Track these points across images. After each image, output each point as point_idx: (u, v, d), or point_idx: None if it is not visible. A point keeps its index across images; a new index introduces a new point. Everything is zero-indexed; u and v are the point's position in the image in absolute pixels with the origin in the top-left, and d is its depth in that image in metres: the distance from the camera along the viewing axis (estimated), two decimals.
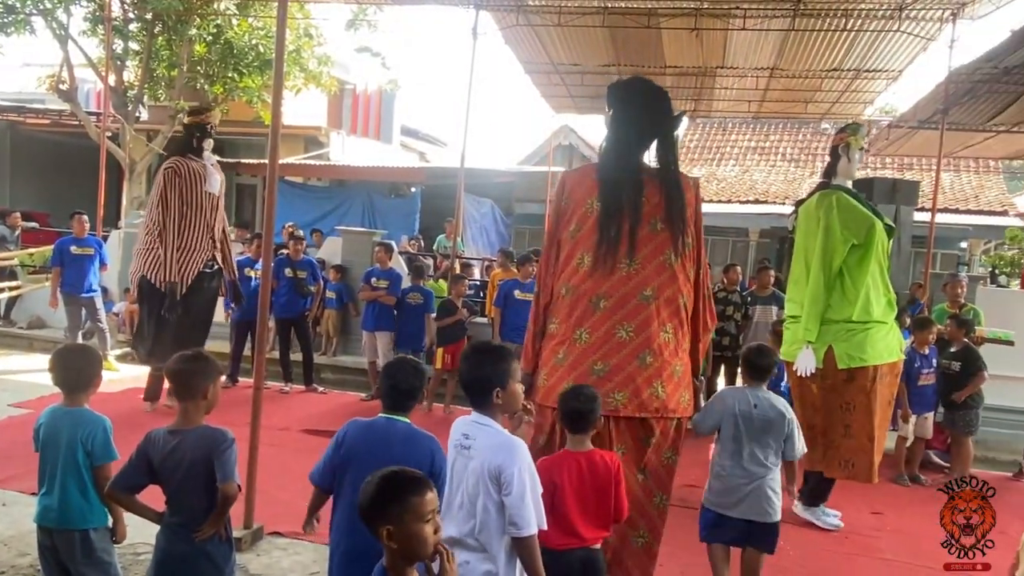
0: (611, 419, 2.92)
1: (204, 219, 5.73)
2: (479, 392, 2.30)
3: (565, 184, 3.15)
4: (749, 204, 16.83)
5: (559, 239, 3.10)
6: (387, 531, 1.68)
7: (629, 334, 2.94)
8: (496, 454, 2.15)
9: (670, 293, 3.00)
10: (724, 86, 11.08)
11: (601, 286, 2.96)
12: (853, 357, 4.24)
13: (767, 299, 7.21)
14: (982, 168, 17.90)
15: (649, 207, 2.98)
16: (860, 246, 4.29)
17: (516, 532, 2.12)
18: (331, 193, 15.69)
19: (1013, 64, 7.91)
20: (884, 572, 4.07)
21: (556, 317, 3.07)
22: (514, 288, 7.08)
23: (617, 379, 2.91)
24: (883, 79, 10.01)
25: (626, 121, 3.09)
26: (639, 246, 2.96)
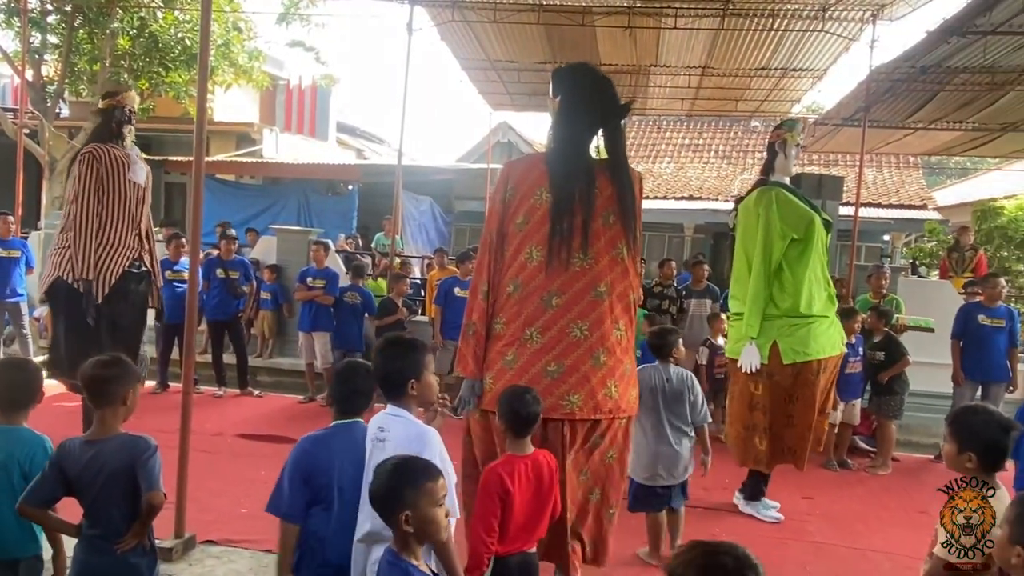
0: (566, 423, 2.81)
1: (128, 212, 5.00)
2: (393, 384, 2.30)
3: (510, 174, 2.94)
4: (684, 200, 17.18)
5: (504, 232, 2.90)
6: (405, 516, 1.82)
7: (583, 332, 2.81)
8: (410, 445, 2.14)
9: (622, 288, 2.90)
10: (658, 84, 11.26)
11: (553, 282, 2.81)
12: (798, 352, 4.30)
13: (702, 293, 7.37)
14: (903, 164, 18.71)
15: (602, 199, 2.86)
16: (800, 241, 4.34)
17: None
18: (265, 191, 15.34)
19: (929, 63, 8.28)
20: (815, 555, 4.20)
21: (502, 316, 2.88)
22: (454, 286, 7.05)
23: (572, 380, 2.80)
24: (809, 78, 10.34)
25: (575, 108, 2.91)
26: (592, 240, 2.82)
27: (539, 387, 2.76)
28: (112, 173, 4.84)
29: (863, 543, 4.39)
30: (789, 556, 4.15)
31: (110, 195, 4.85)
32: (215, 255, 7.42)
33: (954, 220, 14.92)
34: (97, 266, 4.78)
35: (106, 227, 4.84)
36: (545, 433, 2.80)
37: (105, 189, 4.82)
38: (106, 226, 4.84)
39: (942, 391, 6.49)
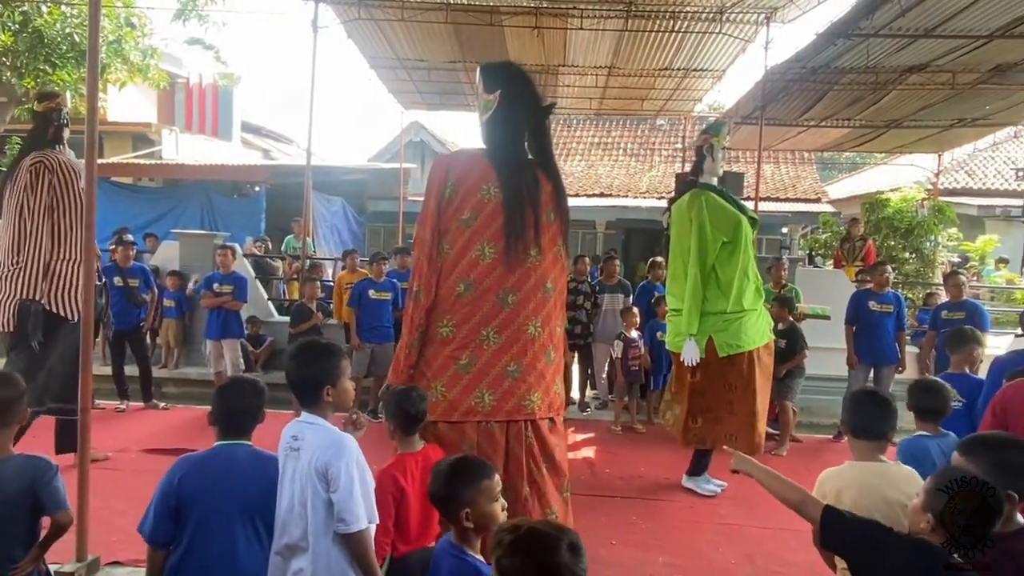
0: (528, 423, 2.76)
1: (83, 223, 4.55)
2: (309, 390, 2.23)
3: (450, 170, 2.83)
4: (595, 197, 17.53)
5: (445, 230, 2.78)
6: (465, 513, 1.96)
7: (538, 329, 2.77)
8: (324, 451, 2.10)
9: (562, 285, 2.93)
10: (567, 84, 11.43)
11: (509, 279, 2.74)
12: (731, 345, 4.60)
13: (614, 288, 7.54)
14: (798, 160, 19.70)
15: (545, 195, 2.84)
16: (729, 242, 4.61)
17: (345, 528, 2.06)
18: (165, 194, 14.66)
19: (818, 64, 8.75)
20: (727, 535, 4.39)
21: (451, 318, 2.76)
22: (368, 288, 6.95)
23: (531, 379, 2.75)
24: (709, 78, 10.73)
25: (513, 103, 2.85)
26: (542, 235, 2.79)
27: (501, 389, 2.72)
28: (65, 183, 4.50)
29: (771, 522, 4.60)
30: (702, 538, 4.32)
31: (66, 207, 4.50)
32: (112, 262, 7.05)
33: (846, 212, 15.83)
34: (60, 283, 4.44)
35: (66, 240, 4.50)
36: (508, 437, 2.75)
37: (59, 201, 4.48)
38: (66, 239, 4.49)
39: (839, 374, 6.87)
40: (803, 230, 17.36)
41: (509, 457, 2.73)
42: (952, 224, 12.21)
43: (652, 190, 18.04)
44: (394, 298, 6.95)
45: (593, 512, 4.50)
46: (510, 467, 2.72)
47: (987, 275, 12.65)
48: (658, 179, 18.81)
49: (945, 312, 6.48)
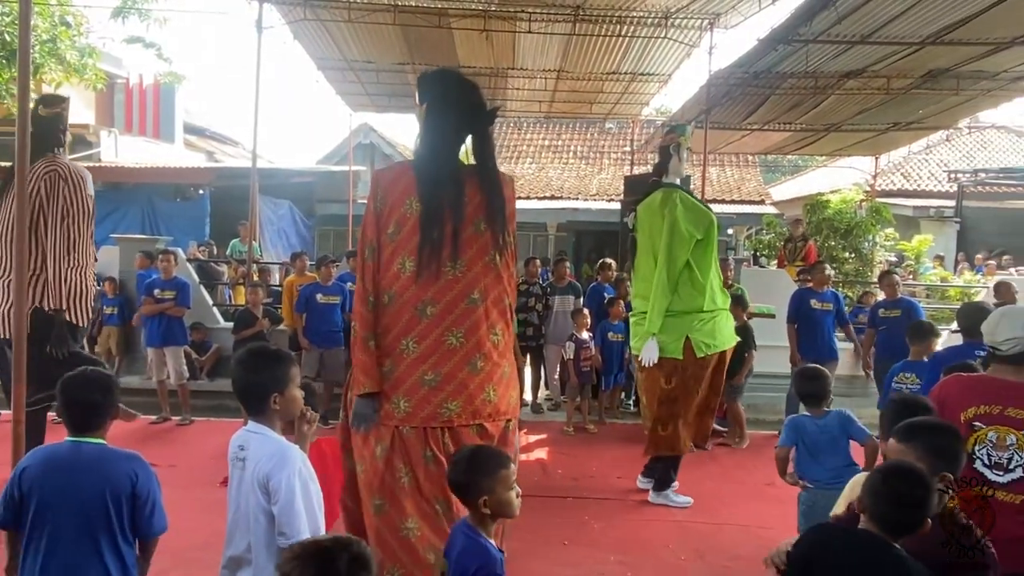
0: (446, 431, 2.79)
1: (89, 229, 4.69)
2: (255, 398, 2.19)
3: (379, 183, 2.89)
4: (546, 200, 17.63)
5: (378, 242, 2.85)
6: (484, 500, 2.11)
7: (459, 340, 2.80)
8: (267, 462, 2.06)
9: (496, 294, 2.90)
10: (516, 87, 11.49)
11: (427, 292, 2.78)
12: (709, 344, 4.55)
13: (564, 289, 7.60)
14: (742, 163, 20.15)
15: (471, 207, 2.83)
16: (703, 240, 4.57)
17: (285, 542, 2.00)
18: (104, 198, 14.13)
19: (760, 69, 8.98)
20: (677, 532, 4.45)
21: (378, 327, 2.85)
22: (316, 292, 6.86)
23: (449, 388, 2.79)
24: (656, 82, 10.92)
25: (442, 115, 2.87)
26: (463, 248, 2.81)
27: (417, 396, 2.77)
28: (74, 190, 4.56)
29: (719, 518, 4.70)
30: (653, 536, 4.38)
31: (75, 214, 4.56)
32: None
33: (789, 213, 16.25)
34: (72, 291, 4.53)
35: (76, 248, 4.58)
36: (427, 441, 2.78)
37: (70, 208, 4.54)
38: (76, 247, 4.57)
39: (783, 371, 7.04)
40: (748, 231, 17.75)
41: (432, 462, 2.76)
42: (889, 224, 12.64)
43: (602, 192, 18.23)
44: (343, 302, 6.86)
45: (546, 512, 4.52)
46: (434, 471, 2.74)
47: (923, 273, 13.13)
48: (608, 182, 19.02)
49: (882, 310, 6.69)
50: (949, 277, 13.21)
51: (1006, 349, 2.59)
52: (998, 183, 17.30)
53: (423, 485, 2.75)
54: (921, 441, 2.06)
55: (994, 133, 21.60)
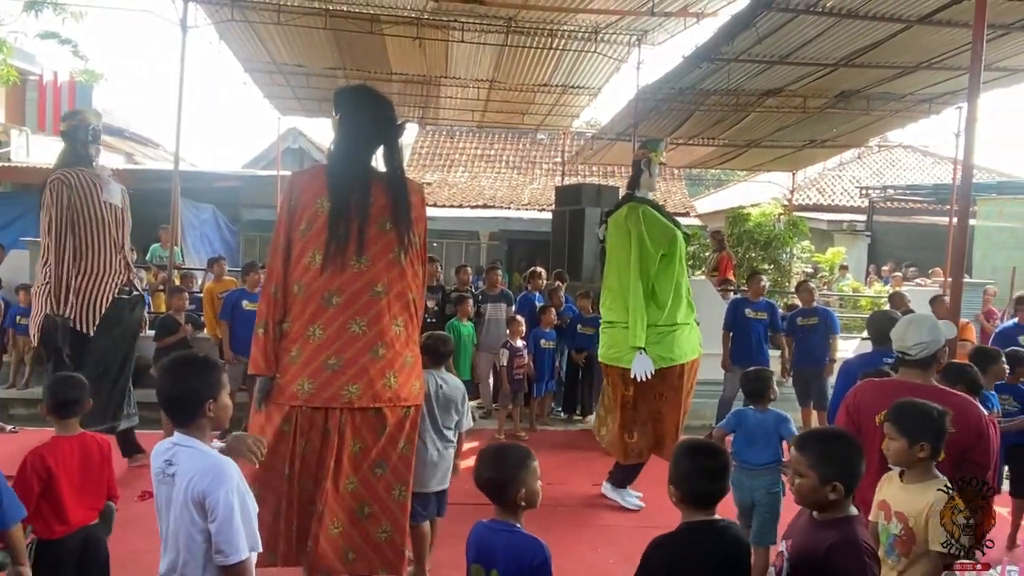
0: (345, 411, 3.01)
1: (109, 236, 4.77)
2: (186, 407, 2.08)
3: (294, 184, 3.16)
4: (479, 208, 17.69)
5: (290, 238, 3.10)
6: (521, 494, 2.24)
7: (362, 328, 3.04)
8: (201, 479, 1.98)
9: (400, 288, 3.14)
10: (449, 95, 11.53)
11: (333, 283, 3.02)
12: (664, 358, 4.65)
13: (497, 297, 7.62)
14: (668, 176, 20.68)
15: (377, 208, 3.09)
16: (666, 255, 4.66)
17: (224, 560, 1.97)
18: (14, 199, 13.47)
19: (686, 85, 9.28)
20: (606, 536, 4.53)
21: (289, 316, 3.08)
22: (241, 299, 6.68)
23: (351, 372, 3.01)
24: (586, 95, 11.14)
25: (354, 126, 3.17)
26: (368, 244, 3.06)
27: (320, 379, 2.99)
28: (85, 198, 4.65)
29: (649, 522, 4.79)
30: (582, 539, 4.44)
31: (86, 221, 4.67)
32: None
33: (712, 226, 16.79)
34: (80, 298, 4.63)
35: (87, 255, 4.67)
36: (327, 422, 3.00)
37: (80, 215, 4.63)
38: (86, 254, 4.67)
39: (712, 378, 7.25)
40: None
41: (326, 440, 3.01)
42: (805, 237, 13.23)
43: (534, 202, 18.42)
44: None
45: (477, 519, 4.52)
46: (326, 446, 3.01)
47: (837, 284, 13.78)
48: (539, 192, 19.23)
49: (800, 318, 6.96)
50: (860, 287, 13.90)
51: (914, 354, 2.75)
52: (905, 199, 18.32)
53: (320, 458, 3.00)
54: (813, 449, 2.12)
55: (902, 152, 22.90)
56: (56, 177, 4.64)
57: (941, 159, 21.04)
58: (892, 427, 2.36)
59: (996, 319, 8.84)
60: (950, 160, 14.24)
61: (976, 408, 2.68)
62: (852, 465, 2.08)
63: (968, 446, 2.57)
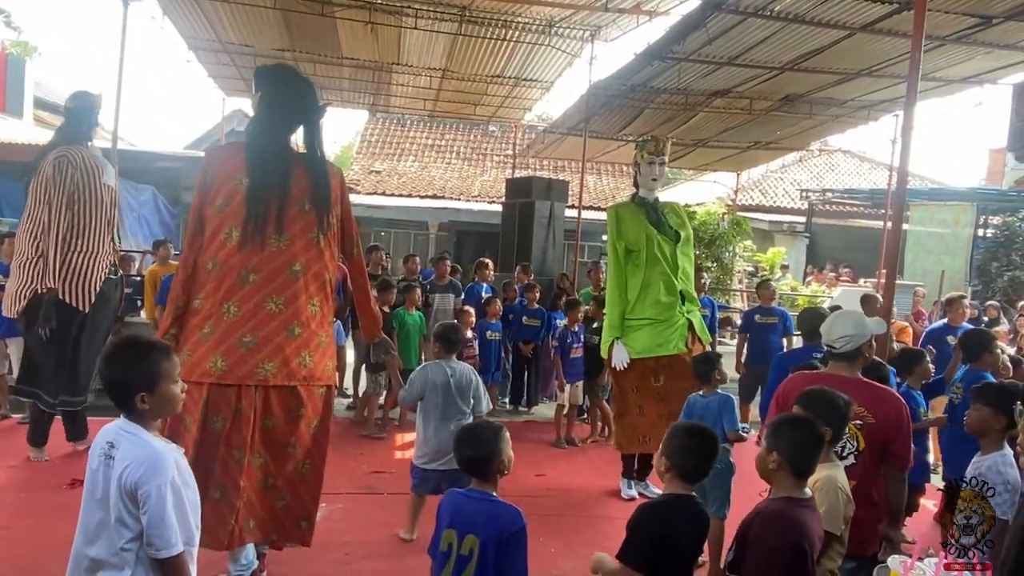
0: (260, 389, 3.01)
1: (104, 217, 4.83)
2: (121, 395, 1.99)
3: (211, 160, 3.15)
4: (428, 199, 17.57)
5: (204, 214, 3.07)
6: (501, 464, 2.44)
7: (279, 307, 3.03)
8: (136, 468, 1.91)
9: (317, 269, 3.15)
10: (401, 83, 11.40)
11: (250, 261, 3.00)
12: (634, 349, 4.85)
13: (445, 288, 7.60)
14: (618, 172, 20.95)
15: (297, 189, 3.08)
16: (637, 253, 4.87)
17: (155, 554, 1.91)
18: None
19: (637, 83, 9.38)
20: (547, 526, 4.55)
21: (201, 292, 3.05)
22: None
23: (266, 350, 3.00)
24: (539, 88, 11.16)
25: (275, 104, 3.14)
26: (287, 224, 3.05)
27: (234, 356, 2.97)
28: (88, 178, 4.73)
29: (588, 512, 4.87)
30: None
31: (86, 200, 4.74)
32: None
33: None
34: (75, 275, 4.72)
35: (83, 234, 4.74)
36: (240, 399, 2.98)
37: (81, 194, 4.71)
38: (84, 232, 4.74)
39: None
40: None
41: (239, 418, 2.99)
42: (748, 236, 13.55)
43: (484, 194, 18.39)
44: None
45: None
46: (240, 422, 2.99)
47: (781, 283, 14.17)
48: (490, 184, 19.21)
49: (759, 316, 7.04)
50: (798, 286, 14.32)
51: (840, 347, 2.87)
52: (843, 202, 18.95)
53: (230, 436, 2.98)
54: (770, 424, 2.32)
55: (841, 156, 23.67)
56: (63, 154, 4.67)
57: (877, 165, 21.81)
58: (800, 411, 2.51)
59: (924, 319, 9.22)
60: (886, 166, 14.78)
61: (898, 400, 2.81)
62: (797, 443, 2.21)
63: (889, 437, 2.69)
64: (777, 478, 2.22)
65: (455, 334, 4.09)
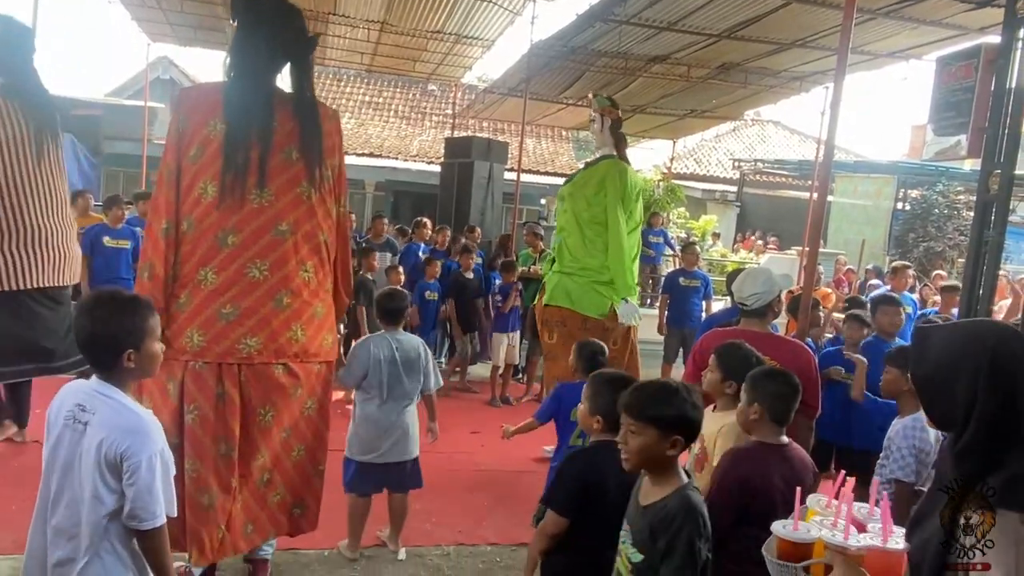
0: (243, 367, 2.65)
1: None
2: (103, 354, 1.84)
3: (183, 102, 2.73)
4: (365, 157, 17.22)
5: (180, 165, 2.64)
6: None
7: (263, 273, 2.65)
8: (123, 437, 1.78)
9: (309, 228, 2.75)
10: (338, 34, 11.03)
11: (229, 220, 2.61)
12: None
13: (382, 246, 7.54)
14: (557, 136, 20.95)
15: (281, 134, 2.68)
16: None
17: (138, 525, 1.80)
18: None
19: (578, 44, 9.35)
20: (479, 480, 4.67)
21: (175, 256, 2.65)
22: (103, 234, 6.22)
23: (249, 323, 2.63)
24: (479, 46, 10.98)
25: (256, 37, 2.70)
26: (271, 176, 2.65)
27: (213, 331, 2.61)
28: None
29: (520, 466, 4.98)
30: (460, 485, 4.54)
31: None
32: None
33: None
34: None
35: None
36: (221, 378, 2.63)
37: None
38: None
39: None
40: None
41: (223, 402, 2.63)
42: (681, 204, 13.81)
43: (422, 154, 18.13)
44: (133, 247, 6.29)
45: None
46: (224, 409, 2.63)
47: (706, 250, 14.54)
48: (428, 144, 18.94)
49: (682, 279, 7.22)
50: (727, 253, 14.74)
51: (751, 304, 3.00)
52: (773, 172, 19.49)
53: (215, 427, 2.62)
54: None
55: (772, 128, 24.28)
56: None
57: (807, 137, 22.47)
58: (714, 360, 2.61)
59: (844, 286, 9.65)
60: (815, 139, 15.23)
61: (808, 353, 2.96)
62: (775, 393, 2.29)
63: None
64: (757, 428, 2.30)
65: (398, 302, 3.52)
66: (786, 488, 2.14)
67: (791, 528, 1.55)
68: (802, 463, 2.30)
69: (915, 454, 2.73)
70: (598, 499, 2.20)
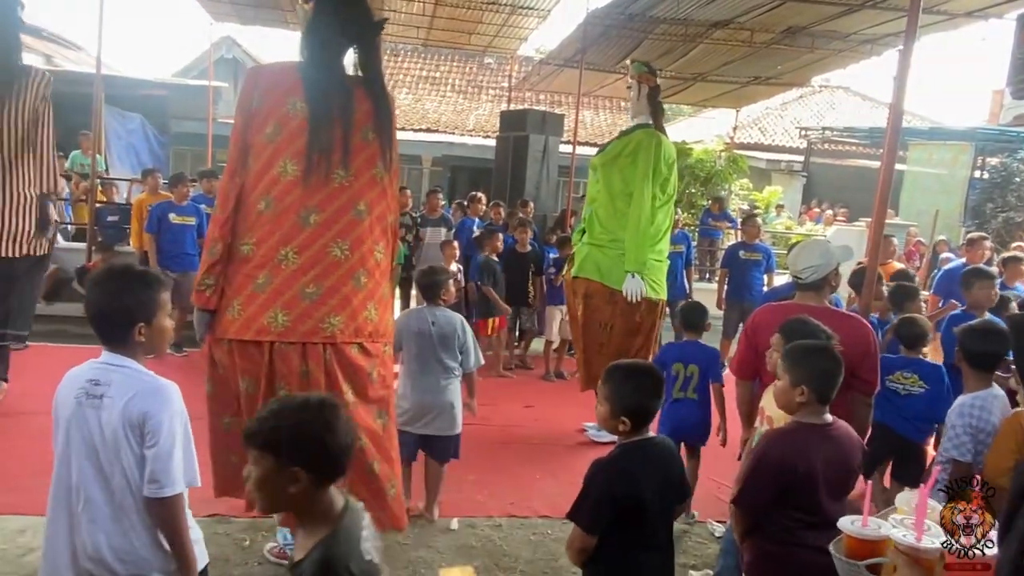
0: (328, 347, 2.67)
1: None
2: (116, 327, 1.83)
3: (258, 81, 2.71)
4: (421, 132, 17.31)
5: (250, 144, 2.66)
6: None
7: (344, 252, 2.67)
8: (143, 400, 1.77)
9: (381, 210, 2.80)
10: (393, 8, 11.05)
11: (312, 198, 2.62)
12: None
13: (437, 221, 7.58)
14: (615, 107, 20.61)
15: (360, 113, 2.72)
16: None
17: (157, 491, 1.76)
18: None
19: (636, 12, 9.12)
20: (531, 455, 4.68)
21: (252, 236, 2.65)
22: (169, 211, 6.44)
23: (333, 302, 2.66)
24: (535, 17, 10.82)
25: (331, 14, 2.72)
26: (353, 155, 2.68)
27: (297, 310, 2.64)
28: None
29: (573, 440, 4.97)
30: (511, 458, 4.57)
31: None
32: None
33: None
34: None
35: None
36: (306, 359, 2.66)
37: None
38: None
39: None
40: None
41: (307, 380, 2.66)
42: (744, 175, 13.44)
43: (479, 128, 18.11)
44: (198, 223, 6.49)
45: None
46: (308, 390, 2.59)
47: (770, 222, 14.14)
48: (484, 117, 18.89)
49: (743, 252, 7.05)
50: (792, 226, 14.30)
51: (805, 277, 2.88)
52: (842, 141, 18.72)
53: None
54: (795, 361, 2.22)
55: (842, 94, 23.28)
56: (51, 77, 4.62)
57: (880, 104, 21.49)
58: (778, 339, 2.48)
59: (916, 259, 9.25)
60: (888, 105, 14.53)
61: (865, 327, 2.82)
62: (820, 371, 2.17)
63: (856, 364, 2.63)
64: (802, 409, 2.16)
65: (435, 277, 3.58)
66: (828, 469, 2.07)
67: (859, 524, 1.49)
68: (849, 441, 2.17)
69: (972, 433, 2.61)
70: (632, 511, 2.04)
